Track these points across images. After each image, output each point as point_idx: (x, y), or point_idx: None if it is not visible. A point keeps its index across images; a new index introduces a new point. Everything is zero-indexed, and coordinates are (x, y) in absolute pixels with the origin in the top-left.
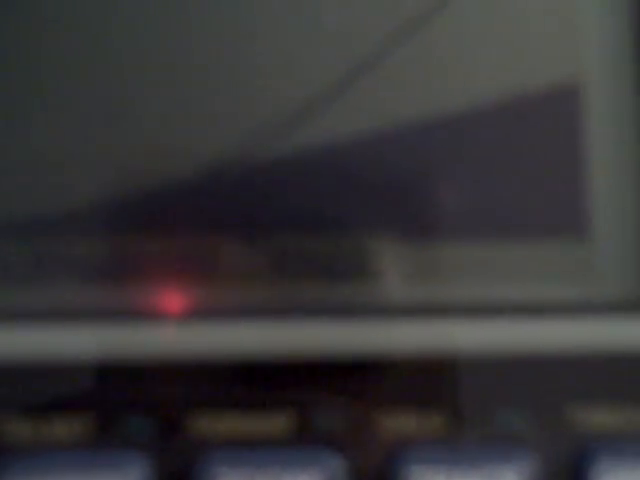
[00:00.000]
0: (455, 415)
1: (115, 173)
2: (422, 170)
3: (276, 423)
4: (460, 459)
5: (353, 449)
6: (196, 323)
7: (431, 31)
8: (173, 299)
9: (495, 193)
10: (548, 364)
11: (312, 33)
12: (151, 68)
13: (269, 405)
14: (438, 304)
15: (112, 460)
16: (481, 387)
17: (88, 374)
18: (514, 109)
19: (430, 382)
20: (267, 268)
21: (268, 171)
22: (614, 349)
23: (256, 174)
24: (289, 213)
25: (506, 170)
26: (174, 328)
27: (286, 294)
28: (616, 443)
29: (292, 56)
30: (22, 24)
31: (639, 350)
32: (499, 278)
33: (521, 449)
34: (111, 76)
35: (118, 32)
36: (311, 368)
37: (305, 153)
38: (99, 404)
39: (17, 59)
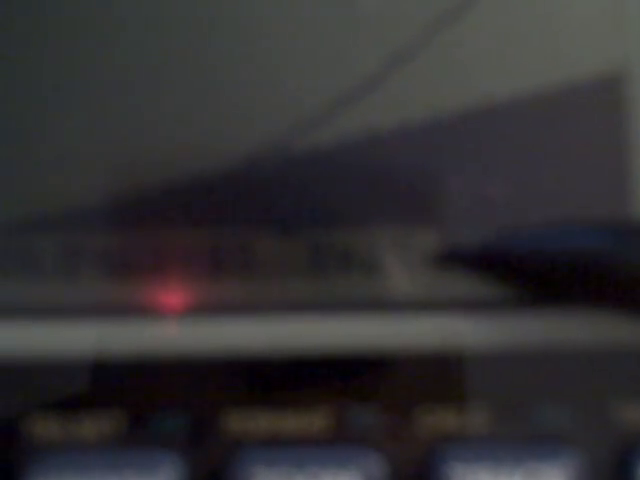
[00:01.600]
0: (495, 412)
1: (143, 169)
2: (462, 162)
3: (312, 421)
4: (502, 456)
5: (392, 447)
6: (230, 319)
7: (474, 19)
8: (203, 296)
9: (539, 182)
10: (589, 360)
11: (343, 27)
12: (182, 60)
13: (305, 403)
14: (463, 299)
15: (143, 459)
16: (521, 383)
17: (119, 372)
18: (559, 98)
19: (470, 379)
20: (302, 263)
21: (299, 166)
22: None
23: (287, 169)
24: (321, 208)
25: (548, 159)
26: (206, 325)
27: (321, 289)
28: None
29: (322, 51)
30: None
31: None
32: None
33: (564, 446)
34: (139, 70)
35: (143, 25)
36: (348, 365)
37: (335, 148)
38: (130, 402)
39: (36, 60)
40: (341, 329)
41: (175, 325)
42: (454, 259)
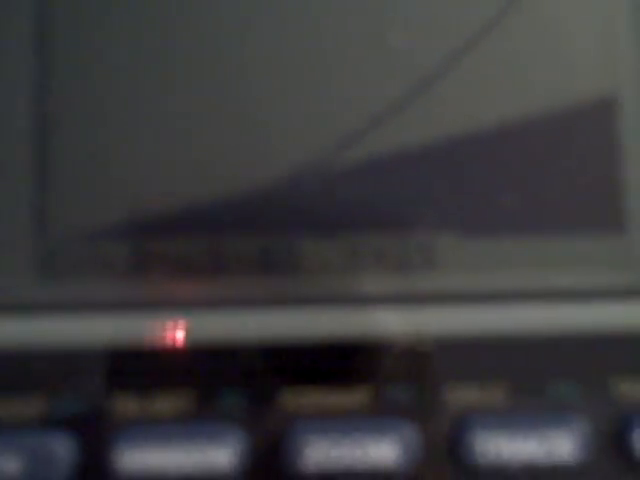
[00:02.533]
0: (512, 388)
1: (201, 179)
2: (479, 174)
3: (356, 397)
4: (519, 425)
5: (425, 418)
6: (281, 311)
7: (485, 49)
8: (261, 290)
9: (541, 193)
10: (593, 342)
11: (378, 49)
12: (238, 82)
13: (349, 382)
14: (501, 291)
15: (210, 432)
16: (535, 363)
17: (189, 355)
18: (559, 118)
19: (491, 359)
20: (342, 262)
21: (338, 179)
22: None
23: (327, 182)
24: (360, 213)
25: (553, 173)
26: (267, 314)
27: (359, 285)
28: None
29: (363, 70)
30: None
31: None
32: (555, 267)
33: (571, 416)
34: (203, 92)
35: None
36: (385, 349)
37: (373, 160)
38: (199, 382)
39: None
40: (377, 319)
41: (235, 316)
42: None
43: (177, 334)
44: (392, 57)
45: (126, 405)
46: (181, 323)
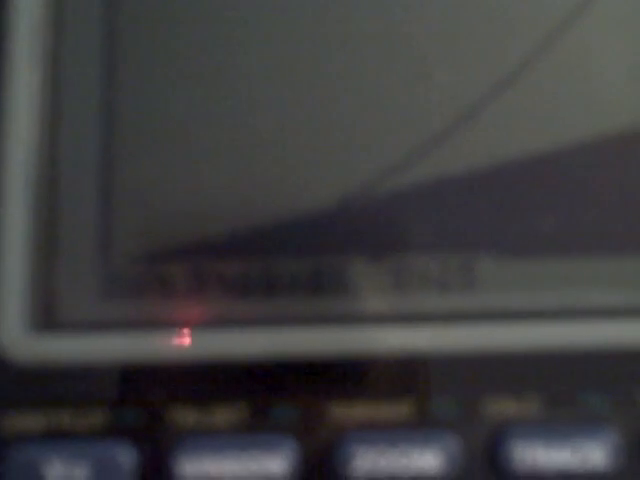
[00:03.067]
0: (546, 400)
1: (255, 206)
2: (516, 199)
3: (400, 410)
4: (553, 435)
5: (466, 429)
6: (332, 329)
7: (525, 83)
8: (310, 309)
9: (572, 216)
10: (623, 356)
11: (422, 82)
12: (293, 110)
13: (394, 395)
14: (536, 309)
15: (264, 442)
16: (568, 376)
17: (244, 369)
18: (593, 148)
19: (527, 372)
20: (388, 282)
21: (383, 204)
22: None
23: (372, 207)
24: (407, 236)
25: (585, 197)
26: (314, 333)
27: (402, 304)
28: None
29: (408, 102)
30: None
31: None
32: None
33: (603, 427)
34: (261, 119)
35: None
36: (427, 364)
37: (418, 186)
38: (253, 395)
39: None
40: (420, 337)
41: (285, 333)
42: None
43: (229, 350)
44: (435, 91)
45: (185, 416)
46: (233, 339)
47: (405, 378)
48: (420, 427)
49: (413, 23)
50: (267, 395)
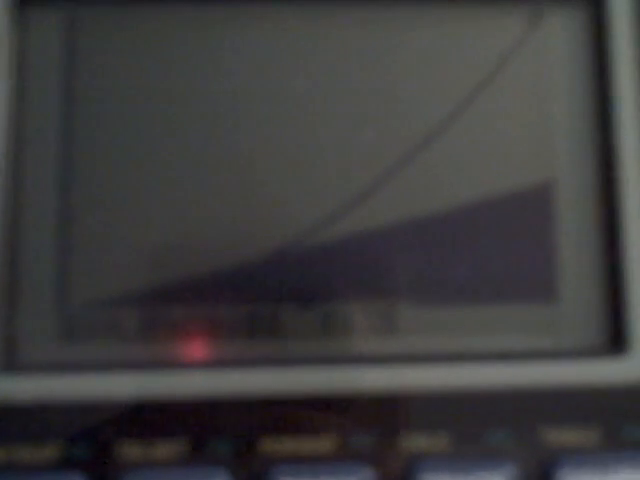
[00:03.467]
0: (455, 436)
1: (194, 255)
2: (433, 251)
3: (322, 444)
4: (458, 467)
5: (381, 462)
6: (262, 370)
7: (442, 144)
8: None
9: (483, 266)
10: (526, 396)
11: (347, 143)
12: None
13: (317, 431)
14: (450, 352)
15: (200, 474)
16: (476, 414)
17: (183, 407)
18: (503, 202)
19: (439, 410)
20: (317, 327)
21: (316, 254)
22: (578, 386)
23: (305, 257)
24: (332, 283)
25: (495, 249)
26: (246, 374)
27: (327, 347)
28: (580, 456)
29: (336, 165)
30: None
31: (599, 386)
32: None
33: (505, 460)
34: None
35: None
36: (349, 403)
37: (347, 239)
38: (191, 431)
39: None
40: (342, 378)
41: (223, 374)
42: None
43: (171, 390)
44: (359, 151)
45: (130, 450)
46: (176, 380)
47: (327, 416)
48: (341, 460)
49: (342, 87)
50: (204, 431)
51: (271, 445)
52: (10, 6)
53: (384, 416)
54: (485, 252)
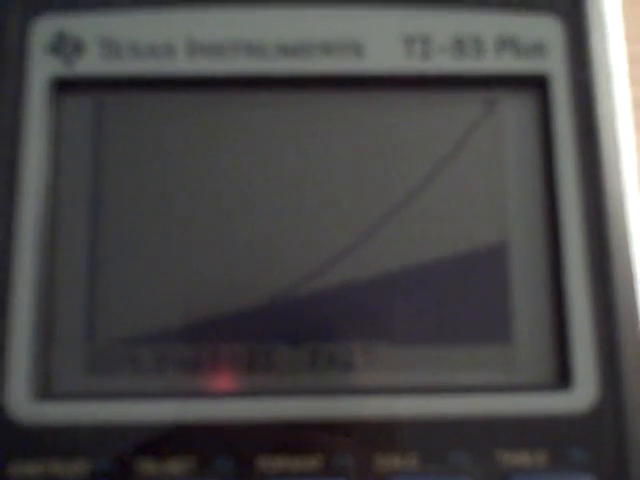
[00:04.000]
0: (424, 457)
1: (200, 301)
2: (405, 298)
3: (310, 463)
4: None
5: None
6: (258, 400)
7: (410, 206)
8: (238, 384)
9: (448, 312)
10: (484, 423)
11: (328, 207)
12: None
13: (306, 451)
14: (418, 385)
15: None
16: (442, 438)
17: (192, 431)
18: (465, 258)
19: (407, 434)
20: (304, 363)
21: (306, 299)
22: (529, 415)
23: (296, 302)
24: (320, 325)
25: (458, 298)
26: (244, 402)
27: (315, 381)
28: (529, 474)
29: (319, 224)
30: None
31: (547, 415)
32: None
33: (465, 477)
34: (206, 241)
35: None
36: (332, 428)
37: (324, 289)
38: (199, 450)
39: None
40: (330, 405)
41: (225, 402)
42: None
43: (183, 415)
44: (340, 214)
45: (146, 466)
46: (186, 407)
47: (315, 438)
48: (325, 476)
49: (324, 162)
50: (209, 450)
51: (266, 463)
52: (49, 92)
53: (363, 439)
54: (450, 300)
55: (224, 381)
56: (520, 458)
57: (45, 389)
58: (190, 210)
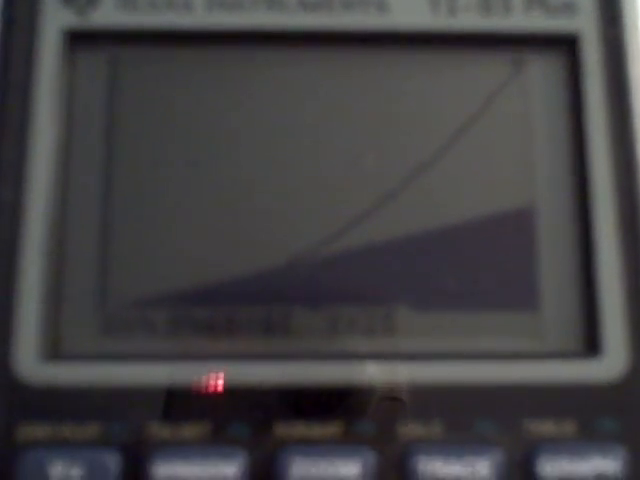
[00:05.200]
0: (448, 425)
1: (218, 262)
2: (428, 263)
3: (329, 429)
4: (452, 453)
5: (381, 447)
6: (275, 364)
7: (440, 166)
8: (254, 347)
9: (474, 278)
10: (511, 391)
11: (352, 166)
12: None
13: (326, 417)
14: (442, 352)
15: (222, 453)
16: (467, 406)
17: (207, 395)
18: (491, 221)
19: (433, 401)
20: (325, 327)
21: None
22: (557, 384)
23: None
24: (341, 290)
25: (482, 263)
26: (263, 367)
27: (334, 345)
28: (558, 444)
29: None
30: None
31: (576, 383)
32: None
33: (492, 447)
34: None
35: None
36: (353, 394)
37: (353, 249)
38: (213, 415)
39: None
40: (347, 372)
41: (241, 366)
42: None
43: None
44: (364, 173)
45: (160, 431)
46: (200, 370)
47: (335, 404)
48: (345, 444)
49: (346, 121)
50: (225, 416)
51: (284, 429)
52: (61, 44)
53: (384, 405)
54: (475, 265)
55: (240, 344)
56: (548, 428)
57: (55, 350)
58: (206, 168)
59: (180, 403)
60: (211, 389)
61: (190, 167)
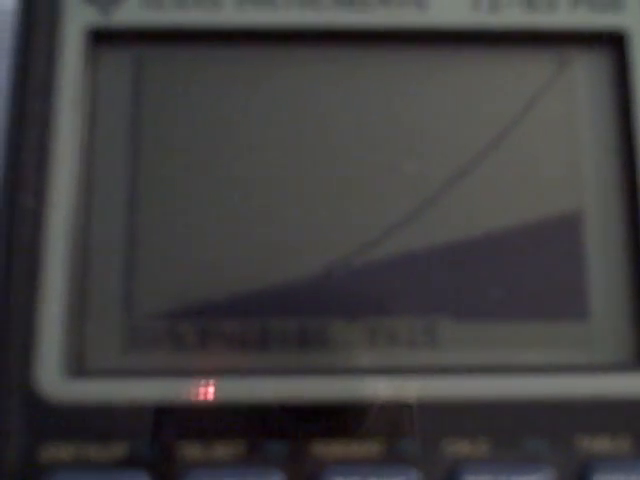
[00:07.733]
0: (496, 442)
1: (250, 273)
2: (472, 272)
3: (372, 448)
4: (504, 472)
5: (426, 466)
6: (311, 379)
7: (480, 172)
8: (289, 362)
9: (520, 286)
10: (561, 406)
11: (392, 172)
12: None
13: (367, 435)
14: (488, 365)
15: (256, 474)
16: (515, 423)
17: (242, 412)
18: (537, 228)
19: (479, 418)
20: (364, 340)
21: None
22: (610, 398)
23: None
24: (380, 301)
25: (527, 271)
26: (300, 383)
27: (374, 359)
28: (612, 462)
29: (384, 190)
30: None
31: (629, 397)
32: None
33: (541, 466)
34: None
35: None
36: (396, 409)
37: (391, 259)
38: (249, 434)
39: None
40: (389, 387)
41: (276, 382)
42: None
43: (229, 395)
44: (403, 180)
45: (191, 451)
46: (232, 386)
47: (377, 421)
48: (388, 463)
49: (385, 123)
50: (260, 434)
51: (322, 447)
52: (84, 44)
53: (429, 423)
54: (520, 273)
55: (274, 359)
56: (601, 444)
57: (78, 366)
58: (236, 172)
59: (212, 420)
60: (244, 406)
61: (220, 172)
